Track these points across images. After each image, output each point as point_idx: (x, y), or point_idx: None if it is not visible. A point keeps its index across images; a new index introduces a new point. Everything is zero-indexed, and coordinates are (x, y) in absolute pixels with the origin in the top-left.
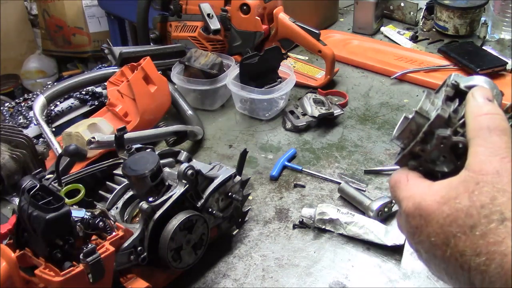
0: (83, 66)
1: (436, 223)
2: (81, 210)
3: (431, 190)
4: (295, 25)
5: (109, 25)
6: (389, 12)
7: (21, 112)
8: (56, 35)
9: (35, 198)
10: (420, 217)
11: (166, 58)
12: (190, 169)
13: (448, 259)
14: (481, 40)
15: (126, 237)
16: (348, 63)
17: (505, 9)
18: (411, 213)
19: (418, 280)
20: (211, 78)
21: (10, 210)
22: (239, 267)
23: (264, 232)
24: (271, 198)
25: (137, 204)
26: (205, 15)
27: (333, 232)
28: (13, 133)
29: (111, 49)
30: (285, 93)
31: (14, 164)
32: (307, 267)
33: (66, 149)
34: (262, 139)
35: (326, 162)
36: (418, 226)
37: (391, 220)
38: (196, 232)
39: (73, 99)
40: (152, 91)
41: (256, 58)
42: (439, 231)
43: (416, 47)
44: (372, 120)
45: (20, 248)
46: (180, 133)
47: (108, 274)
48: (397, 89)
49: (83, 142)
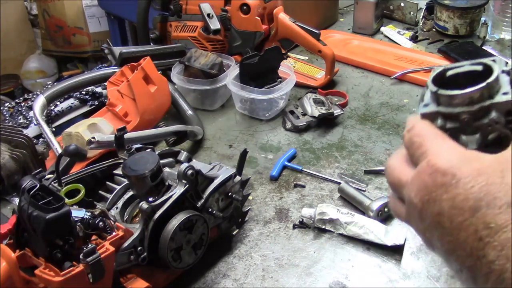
0: (83, 66)
1: (469, 188)
2: (81, 210)
3: (471, 155)
4: (295, 25)
5: (109, 25)
6: (389, 12)
7: (21, 112)
8: (56, 35)
9: (35, 198)
10: (453, 176)
11: (166, 58)
12: (190, 169)
13: (466, 228)
14: (481, 40)
15: (126, 237)
16: (348, 63)
17: (505, 9)
18: (442, 168)
19: (418, 280)
20: (211, 78)
21: (10, 210)
22: (239, 267)
23: (264, 232)
24: (271, 198)
25: (137, 204)
26: (205, 15)
27: (333, 232)
28: (13, 133)
29: (111, 49)
30: (285, 93)
31: (14, 164)
32: (307, 267)
33: (66, 149)
34: (262, 139)
35: (326, 162)
36: (445, 184)
37: (391, 220)
38: (196, 232)
39: (73, 99)
40: (152, 91)
41: (256, 58)
42: (470, 197)
43: (416, 47)
44: (372, 120)
45: (20, 248)
46: (180, 133)
47: (108, 274)
48: (397, 89)
49: (83, 142)
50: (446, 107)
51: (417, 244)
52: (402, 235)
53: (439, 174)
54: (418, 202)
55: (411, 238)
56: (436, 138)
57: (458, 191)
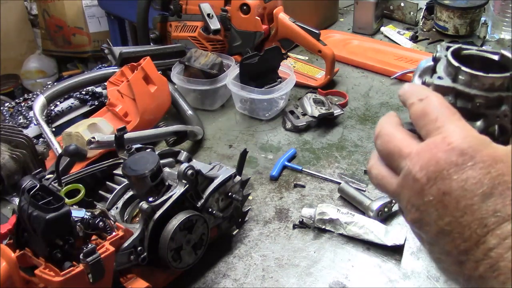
0: (83, 66)
1: (486, 173)
2: (81, 210)
3: (485, 140)
4: (295, 25)
5: (109, 25)
6: (389, 12)
7: (21, 112)
8: (56, 35)
9: (35, 198)
10: (471, 158)
11: (166, 58)
12: (190, 169)
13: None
14: (481, 40)
15: (126, 237)
16: (348, 63)
17: (505, 9)
18: (460, 148)
19: (418, 280)
20: (211, 78)
21: (10, 210)
22: (239, 267)
23: (264, 232)
24: (271, 198)
25: (137, 204)
26: (205, 15)
27: (333, 232)
28: (13, 133)
29: (111, 49)
30: (285, 93)
31: (14, 164)
32: (307, 267)
33: (66, 149)
34: (262, 139)
35: (326, 162)
36: (460, 164)
37: (391, 220)
38: (196, 232)
39: (73, 99)
40: (152, 91)
41: (256, 58)
42: (485, 182)
43: (416, 47)
44: (372, 120)
45: (20, 248)
46: (180, 133)
47: (108, 274)
48: (397, 89)
49: (83, 142)
50: (464, 86)
51: (417, 244)
52: (402, 235)
53: (455, 153)
54: (423, 177)
55: (411, 238)
56: (453, 115)
57: (473, 174)
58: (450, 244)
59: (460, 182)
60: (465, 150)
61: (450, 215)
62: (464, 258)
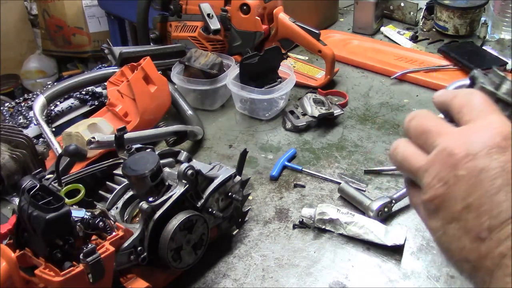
0: (83, 66)
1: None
2: (81, 210)
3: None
4: (295, 25)
5: (109, 25)
6: (389, 12)
7: (21, 112)
8: (56, 35)
9: (35, 198)
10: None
11: (166, 58)
12: (190, 169)
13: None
14: (481, 40)
15: (126, 237)
16: (348, 63)
17: (505, 9)
18: (505, 132)
19: (418, 280)
20: (211, 78)
21: (10, 210)
22: (239, 267)
23: (264, 232)
24: (271, 198)
25: (137, 204)
26: (205, 15)
27: (333, 232)
28: (13, 133)
29: (111, 49)
30: (285, 93)
31: (14, 164)
32: (307, 267)
33: (66, 149)
34: (262, 139)
35: (326, 162)
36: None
37: (391, 220)
38: (196, 232)
39: (73, 99)
40: (152, 91)
41: (256, 58)
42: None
43: (416, 47)
44: (372, 120)
45: (20, 248)
46: (180, 133)
47: (108, 274)
48: (397, 89)
49: (83, 142)
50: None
51: (417, 244)
52: (402, 235)
53: (501, 137)
54: (461, 152)
55: (411, 238)
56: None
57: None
58: (475, 220)
59: (500, 162)
60: (509, 135)
61: (483, 191)
62: (485, 234)
